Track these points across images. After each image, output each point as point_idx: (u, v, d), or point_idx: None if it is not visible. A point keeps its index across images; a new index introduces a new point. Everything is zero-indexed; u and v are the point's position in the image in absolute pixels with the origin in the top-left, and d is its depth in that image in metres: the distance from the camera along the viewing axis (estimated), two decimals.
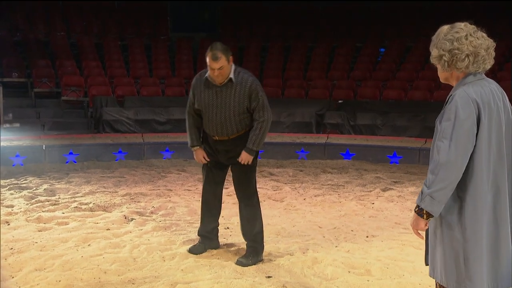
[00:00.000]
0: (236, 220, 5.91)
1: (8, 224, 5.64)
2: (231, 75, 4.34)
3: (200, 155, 4.66)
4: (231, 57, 4.31)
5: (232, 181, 4.76)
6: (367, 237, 5.39)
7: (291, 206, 6.71)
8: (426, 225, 2.55)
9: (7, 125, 11.64)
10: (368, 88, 13.38)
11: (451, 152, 2.39)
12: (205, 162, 4.66)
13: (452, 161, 2.39)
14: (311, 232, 5.53)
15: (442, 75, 2.64)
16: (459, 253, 2.47)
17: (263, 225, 4.73)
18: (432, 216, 2.49)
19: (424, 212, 2.48)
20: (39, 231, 5.41)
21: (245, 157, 4.45)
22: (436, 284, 2.64)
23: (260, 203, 4.76)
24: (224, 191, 4.98)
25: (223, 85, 4.36)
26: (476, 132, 2.42)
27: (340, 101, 12.98)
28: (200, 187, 7.87)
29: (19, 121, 12.05)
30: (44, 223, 5.70)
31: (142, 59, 14.56)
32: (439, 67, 2.60)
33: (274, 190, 7.65)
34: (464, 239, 2.46)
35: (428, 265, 2.69)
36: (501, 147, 2.50)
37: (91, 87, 12.90)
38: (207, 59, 4.24)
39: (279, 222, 5.87)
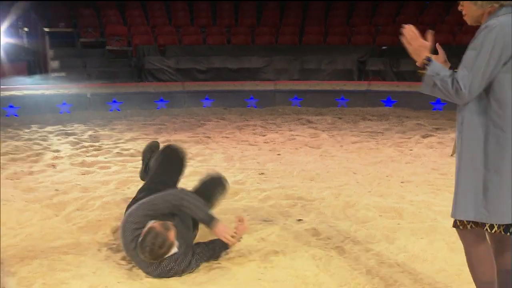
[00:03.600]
0: (271, 166, 6.01)
1: (55, 167, 5.94)
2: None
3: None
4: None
5: None
6: (402, 182, 5.35)
7: (327, 153, 6.70)
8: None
9: (55, 74, 12.02)
10: None
11: (473, 84, 2.34)
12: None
13: (469, 92, 2.34)
14: (344, 177, 5.54)
15: (475, 14, 2.57)
16: (485, 184, 2.37)
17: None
18: (422, 69, 2.54)
19: (425, 70, 2.53)
20: (82, 174, 5.68)
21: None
22: (455, 222, 2.55)
23: (296, 150, 4.57)
24: (260, 138, 4.95)
25: None
26: (505, 61, 2.34)
27: (384, 47, 12.63)
28: (238, 134, 8.01)
29: (66, 70, 12.42)
30: (88, 167, 5.98)
31: (183, 8, 14.53)
32: (474, 5, 2.53)
33: (312, 137, 7.64)
34: (496, 170, 2.34)
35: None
36: None
37: (134, 36, 13.05)
38: None
39: (314, 168, 5.90)
